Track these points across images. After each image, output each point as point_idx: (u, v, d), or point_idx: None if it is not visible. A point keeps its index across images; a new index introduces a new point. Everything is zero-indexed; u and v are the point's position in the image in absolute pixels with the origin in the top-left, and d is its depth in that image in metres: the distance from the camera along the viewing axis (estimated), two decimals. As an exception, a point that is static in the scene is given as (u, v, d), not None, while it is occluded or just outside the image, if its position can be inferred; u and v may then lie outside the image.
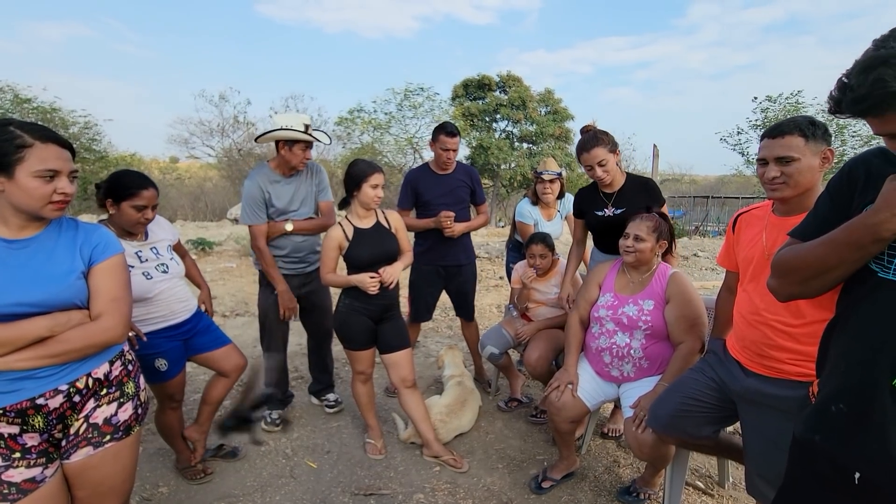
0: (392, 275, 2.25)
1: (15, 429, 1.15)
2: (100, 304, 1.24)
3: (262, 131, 2.49)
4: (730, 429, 2.14)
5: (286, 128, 2.38)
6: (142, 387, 1.41)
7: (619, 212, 2.30)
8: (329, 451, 2.51)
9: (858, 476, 0.90)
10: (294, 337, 2.93)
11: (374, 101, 20.65)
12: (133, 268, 1.85)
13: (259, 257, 2.54)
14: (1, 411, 1.12)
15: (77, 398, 1.23)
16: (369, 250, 2.25)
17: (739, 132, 17.65)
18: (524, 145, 21.34)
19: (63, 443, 1.25)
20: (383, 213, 2.38)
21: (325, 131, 2.74)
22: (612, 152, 2.22)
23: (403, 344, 2.39)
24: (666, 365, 1.99)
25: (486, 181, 20.95)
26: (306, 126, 2.43)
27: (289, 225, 2.53)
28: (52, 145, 1.17)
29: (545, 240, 2.77)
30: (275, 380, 2.69)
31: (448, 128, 2.82)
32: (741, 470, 1.91)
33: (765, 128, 1.72)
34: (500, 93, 21.05)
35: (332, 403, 2.90)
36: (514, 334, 2.80)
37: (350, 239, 2.25)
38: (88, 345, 1.20)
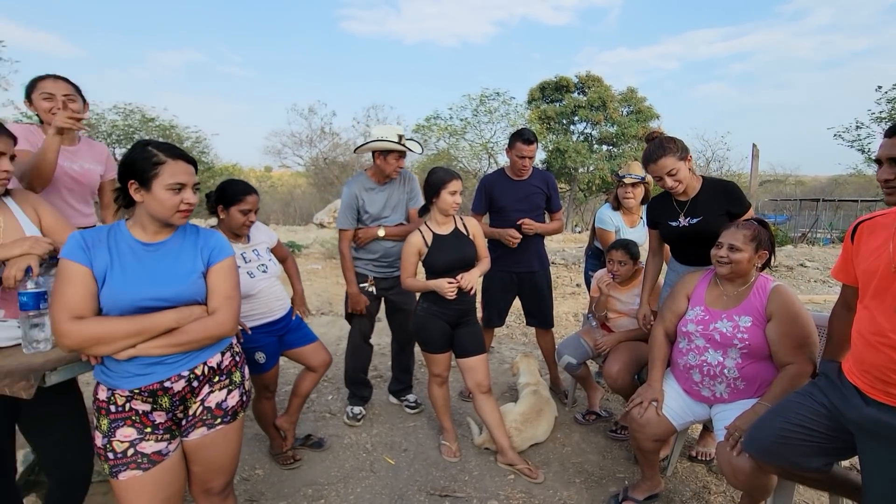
0: (470, 281, 2.28)
1: (147, 406, 1.34)
2: (216, 301, 1.40)
3: (362, 143, 2.71)
4: (846, 463, 1.90)
5: (381, 139, 2.56)
6: (246, 376, 1.57)
7: (694, 221, 2.14)
8: (406, 449, 2.60)
9: None
10: (375, 337, 3.07)
11: (451, 108, 21.08)
12: (239, 268, 2.06)
13: (340, 258, 2.76)
14: (137, 390, 1.31)
15: (195, 383, 1.40)
16: (447, 256, 2.31)
17: (859, 126, 15.60)
18: (604, 147, 20.59)
19: (183, 422, 1.43)
20: (461, 220, 2.43)
21: (418, 141, 2.88)
22: (683, 159, 2.07)
23: (479, 349, 2.42)
24: (766, 387, 1.82)
25: (562, 185, 20.49)
26: (400, 137, 2.59)
27: (381, 231, 2.70)
28: (180, 161, 1.35)
29: (627, 246, 2.66)
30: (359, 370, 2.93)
31: (525, 135, 2.81)
32: (859, 511, 1.69)
33: (891, 121, 1.52)
34: (578, 94, 20.51)
35: (413, 405, 3.01)
36: (594, 345, 2.71)
37: (429, 245, 2.31)
38: (206, 336, 1.36)
